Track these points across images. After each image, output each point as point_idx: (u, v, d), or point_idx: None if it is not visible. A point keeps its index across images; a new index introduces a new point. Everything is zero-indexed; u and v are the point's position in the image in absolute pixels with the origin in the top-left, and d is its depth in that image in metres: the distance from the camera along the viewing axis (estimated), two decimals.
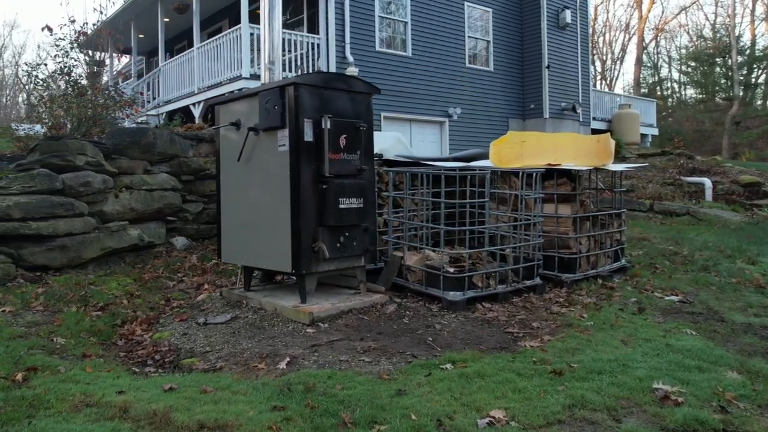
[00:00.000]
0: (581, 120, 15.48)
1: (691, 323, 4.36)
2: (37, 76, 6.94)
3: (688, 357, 3.47)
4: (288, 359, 3.49)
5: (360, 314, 4.43)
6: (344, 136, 4.41)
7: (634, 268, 6.32)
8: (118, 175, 6.02)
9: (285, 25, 11.23)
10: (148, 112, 11.44)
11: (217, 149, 4.98)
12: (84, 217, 5.36)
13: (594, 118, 16.52)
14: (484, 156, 6.54)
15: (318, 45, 10.31)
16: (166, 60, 11.97)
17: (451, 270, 4.84)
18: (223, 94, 4.61)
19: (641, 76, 33.61)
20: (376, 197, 5.83)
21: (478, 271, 4.97)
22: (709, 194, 11.92)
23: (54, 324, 3.91)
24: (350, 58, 10.59)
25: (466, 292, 4.80)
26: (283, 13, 11.08)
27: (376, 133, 9.43)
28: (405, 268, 5.19)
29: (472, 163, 6.39)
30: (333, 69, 10.35)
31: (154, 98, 12.16)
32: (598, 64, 34.72)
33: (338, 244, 4.41)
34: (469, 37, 13.48)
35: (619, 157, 15.35)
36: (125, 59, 16.44)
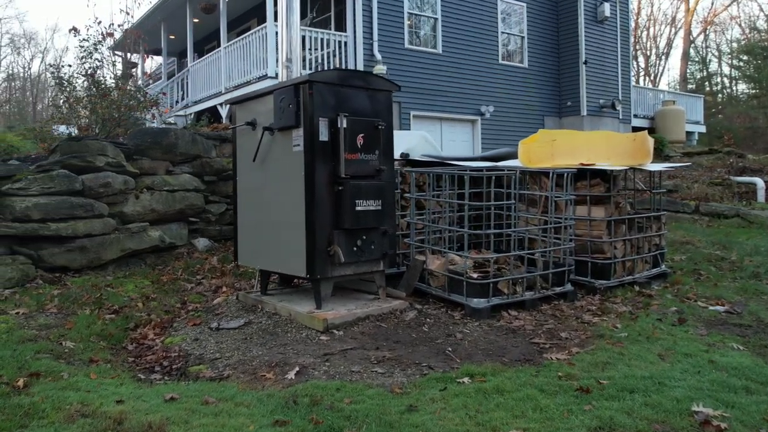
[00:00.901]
0: (621, 117, 14.92)
1: (738, 337, 4.03)
2: (61, 77, 7.08)
3: (734, 376, 3.18)
4: (297, 369, 3.37)
5: (377, 321, 4.28)
6: (362, 135, 4.27)
7: (676, 275, 5.96)
8: (139, 175, 6.05)
9: (312, 24, 11.21)
10: (177, 113, 11.60)
11: (234, 149, 4.92)
12: (104, 218, 5.40)
13: (635, 116, 15.91)
14: (514, 155, 6.30)
15: (345, 43, 10.22)
16: (194, 60, 12.12)
17: (475, 276, 4.64)
18: (246, 94, 4.57)
19: (688, 71, 32.30)
20: (398, 199, 5.69)
21: (503, 276, 4.75)
22: (761, 195, 11.25)
23: (65, 327, 3.91)
24: (378, 56, 10.45)
25: (491, 299, 4.59)
26: (310, 11, 11.07)
27: (401, 133, 9.30)
28: (427, 272, 5.02)
29: (501, 163, 6.15)
30: (360, 67, 10.24)
31: (182, 99, 12.33)
32: (641, 59, 33.58)
33: (355, 248, 4.27)
34: (502, 32, 13.16)
35: (661, 156, 14.73)
36: (160, 60, 16.79)
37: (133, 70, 13.23)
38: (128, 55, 12.39)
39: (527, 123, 13.29)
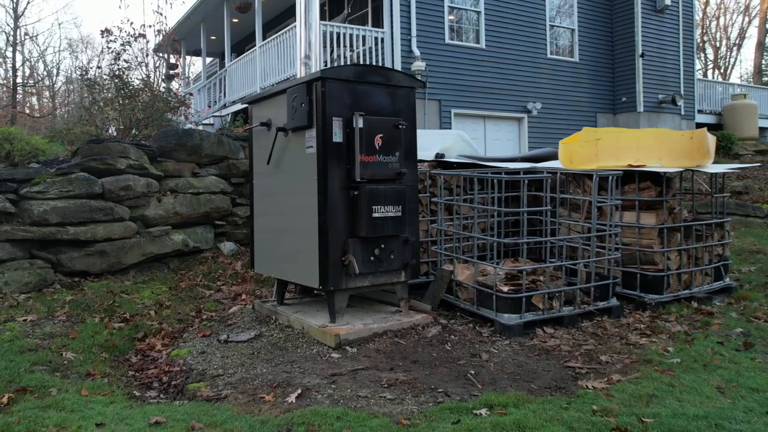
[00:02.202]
0: (683, 113, 13.96)
1: None
2: (89, 79, 7.18)
3: None
4: (300, 391, 3.13)
5: (396, 338, 3.99)
6: (380, 135, 3.99)
7: (742, 289, 5.36)
8: (163, 178, 6.00)
9: (349, 20, 11.03)
10: (215, 113, 11.68)
11: (250, 151, 4.76)
12: (124, 221, 5.36)
13: (699, 111, 14.86)
14: (557, 156, 5.86)
15: (382, 39, 9.97)
16: (232, 60, 12.19)
17: (505, 289, 4.26)
18: (262, 92, 4.41)
19: (763, 62, 30.11)
20: (427, 203, 5.38)
21: (538, 290, 4.36)
22: None
23: (69, 336, 3.83)
24: (416, 52, 10.14)
25: (524, 315, 4.21)
26: (346, 7, 10.88)
27: (436, 132, 8.94)
28: (455, 284, 4.68)
29: (541, 165, 5.73)
30: (398, 64, 9.96)
31: (220, 99, 12.42)
32: (709, 51, 31.58)
33: (372, 258, 3.99)
34: (550, 25, 12.55)
35: (729, 155, 13.68)
36: (207, 60, 17.05)
37: (174, 71, 13.47)
38: (169, 56, 12.62)
39: (578, 121, 12.61)
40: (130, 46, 7.15)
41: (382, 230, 3.98)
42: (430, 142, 6.87)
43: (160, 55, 12.34)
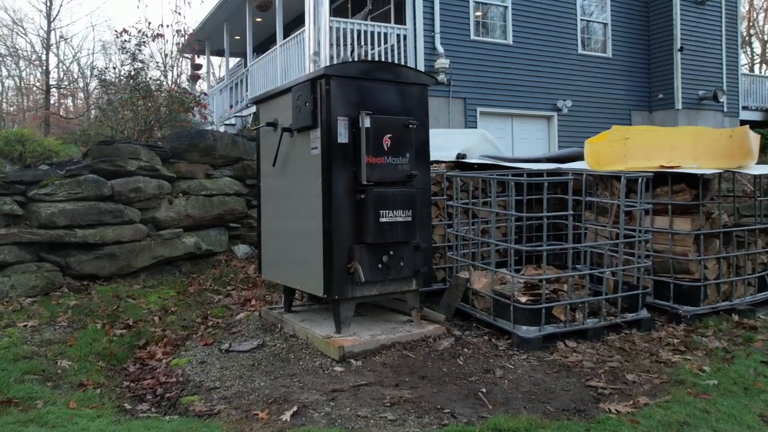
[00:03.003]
0: (726, 110, 13.29)
1: None
2: (105, 80, 7.20)
3: None
4: (296, 408, 2.95)
5: (405, 350, 3.78)
6: (388, 135, 3.78)
7: None
8: (176, 179, 5.94)
9: (372, 17, 10.84)
10: (236, 114, 11.66)
11: (258, 152, 4.62)
12: (134, 224, 5.30)
13: (744, 108, 14.12)
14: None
15: (404, 36, 9.75)
16: (254, 59, 12.16)
17: (523, 299, 4.00)
18: (268, 91, 4.27)
19: None
20: (441, 207, 5.15)
21: (559, 300, 4.08)
22: None
23: (67, 344, 3.75)
24: (440, 49, 9.88)
25: (543, 328, 3.94)
26: (367, 4, 10.70)
27: (457, 131, 8.67)
28: (471, 292, 4.44)
29: (566, 165, 5.43)
30: (420, 62, 9.73)
31: (242, 99, 12.40)
32: (756, 45, 30.21)
33: (380, 265, 3.79)
34: (581, 19, 12.10)
35: None
36: (234, 61, 17.12)
37: (198, 71, 13.54)
38: (194, 57, 12.68)
39: (611, 119, 12.12)
40: (146, 45, 7.14)
41: (391, 236, 3.77)
42: (451, 142, 6.63)
43: (185, 55, 12.41)
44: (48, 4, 18.90)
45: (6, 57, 22.17)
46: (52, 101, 20.65)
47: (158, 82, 7.59)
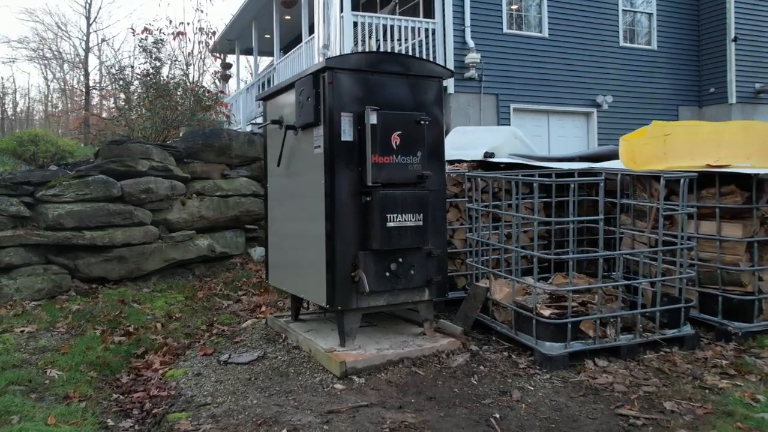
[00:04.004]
0: None
1: None
2: (123, 79, 7.17)
3: None
4: (285, 431, 2.70)
5: (413, 366, 3.48)
6: (398, 133, 3.49)
7: None
8: (190, 180, 5.81)
9: (400, 11, 10.56)
10: (263, 112, 11.56)
11: (265, 151, 4.41)
12: (144, 226, 5.19)
13: None
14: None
15: (433, 30, 9.42)
16: (280, 57, 12.05)
17: (546, 312, 3.64)
18: (274, 87, 4.07)
19: None
20: (462, 210, 4.83)
21: (588, 314, 3.70)
22: None
23: (60, 351, 3.62)
24: (470, 43, 9.50)
25: (569, 344, 3.58)
26: None
27: (485, 128, 8.27)
28: (491, 303, 4.11)
29: (599, 165, 5.02)
30: (450, 57, 9.38)
31: None
32: None
33: (388, 274, 3.50)
34: (623, 10, 11.48)
35: None
36: (267, 60, 17.10)
37: (228, 70, 13.55)
38: (225, 56, 12.69)
39: (655, 115, 11.46)
40: (163, 43, 7.07)
41: (399, 242, 3.48)
42: (478, 140, 6.29)
43: (215, 54, 12.41)
44: (87, 7, 19.43)
45: (51, 60, 22.95)
46: (93, 102, 21.24)
47: (176, 80, 7.53)
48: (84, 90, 18.94)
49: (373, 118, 3.40)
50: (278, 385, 3.28)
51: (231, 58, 14.61)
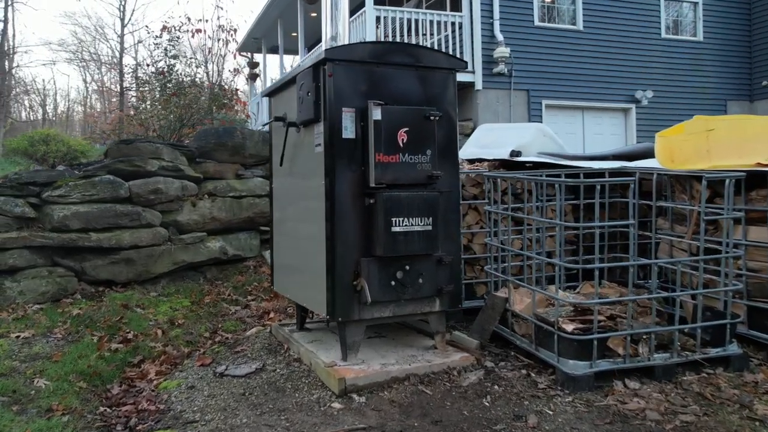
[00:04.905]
0: None
1: None
2: (138, 77, 7.11)
3: None
4: None
5: (421, 384, 3.20)
6: (404, 129, 3.22)
7: None
8: (203, 180, 5.66)
9: (427, 5, 10.25)
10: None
11: (270, 150, 4.21)
12: (153, 227, 5.06)
13: None
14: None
15: (460, 24, 9.07)
16: (305, 55, 11.89)
17: (569, 328, 3.29)
18: (277, 82, 3.86)
19: None
20: (481, 212, 4.52)
21: (617, 329, 3.34)
22: None
23: (52, 359, 3.48)
24: (499, 37, 9.12)
25: (596, 363, 3.23)
26: None
27: (511, 126, 7.88)
28: (511, 314, 3.78)
29: (633, 164, 4.62)
30: (478, 51, 9.03)
31: None
32: None
33: (393, 283, 3.23)
34: (666, 0, 10.85)
35: None
36: (296, 59, 16.95)
37: (255, 69, 13.48)
38: (252, 55, 12.62)
39: (701, 110, 10.78)
40: (178, 41, 6.97)
41: (406, 248, 3.20)
42: (504, 138, 5.95)
43: (243, 54, 12.37)
44: (122, 9, 19.81)
45: (89, 62, 23.56)
46: (129, 103, 21.66)
47: (190, 78, 7.44)
48: (119, 91, 19.33)
49: (376, 114, 3.13)
50: (272, 402, 3.05)
51: (258, 57, 14.57)
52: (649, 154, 5.13)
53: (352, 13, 9.43)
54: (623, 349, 3.29)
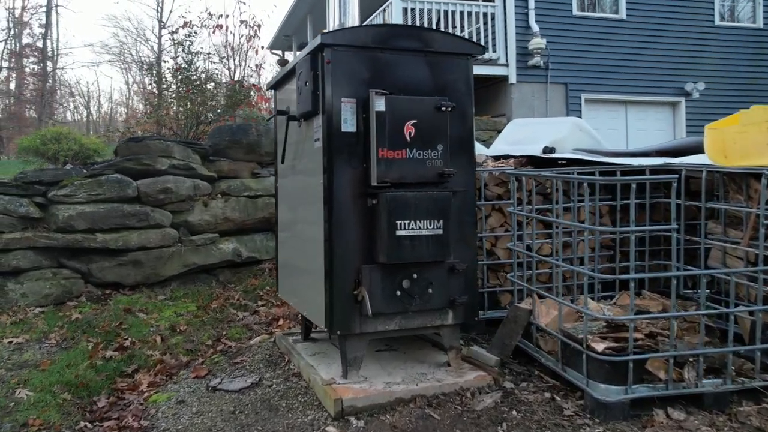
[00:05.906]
0: None
1: None
2: (157, 74, 6.99)
3: None
4: None
5: (428, 407, 2.86)
6: (412, 122, 2.88)
7: None
8: (217, 179, 5.47)
9: None
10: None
11: (275, 146, 3.94)
12: (162, 228, 4.89)
13: None
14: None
15: (493, 15, 8.64)
16: None
17: (600, 347, 2.89)
18: (279, 73, 3.60)
19: None
20: (506, 215, 4.13)
21: (658, 350, 2.92)
22: None
23: (39, 367, 3.31)
24: (535, 28, 8.64)
25: (632, 388, 2.81)
26: None
27: (545, 120, 7.39)
28: (535, 328, 3.40)
29: (678, 160, 4.14)
30: (512, 43, 8.58)
31: None
32: None
33: (399, 293, 2.91)
34: None
35: None
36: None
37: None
38: (284, 53, 12.50)
39: (761, 102, 9.97)
40: (197, 35, 6.82)
41: (412, 254, 2.87)
42: (537, 134, 5.53)
43: (274, 51, 12.24)
44: (159, 11, 20.13)
45: (131, 64, 24.10)
46: (165, 103, 22.02)
47: (207, 74, 7.29)
48: (157, 92, 19.65)
49: (379, 104, 2.81)
50: (262, 423, 2.78)
51: (289, 55, 14.45)
52: (698, 149, 4.62)
53: (378, 5, 9.16)
54: (665, 373, 2.86)
